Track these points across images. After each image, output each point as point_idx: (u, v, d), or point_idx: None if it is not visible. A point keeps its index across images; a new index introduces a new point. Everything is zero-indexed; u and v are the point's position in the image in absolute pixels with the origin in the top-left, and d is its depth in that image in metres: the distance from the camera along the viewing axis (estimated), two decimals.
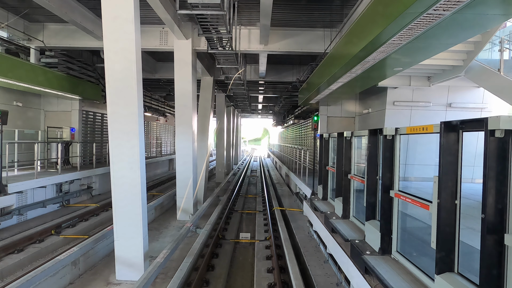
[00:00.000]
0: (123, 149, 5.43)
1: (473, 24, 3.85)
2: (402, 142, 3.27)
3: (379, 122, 9.93)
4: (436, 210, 2.26)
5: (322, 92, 9.33)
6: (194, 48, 9.51)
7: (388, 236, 3.24)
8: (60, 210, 9.72)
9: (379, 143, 3.62)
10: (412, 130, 2.86)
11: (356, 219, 4.46)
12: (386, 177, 3.26)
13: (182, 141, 9.59)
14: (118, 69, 5.36)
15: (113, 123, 5.42)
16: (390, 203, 3.22)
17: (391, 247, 3.23)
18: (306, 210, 7.00)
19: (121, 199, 5.51)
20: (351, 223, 4.54)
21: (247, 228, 9.26)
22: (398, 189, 3.16)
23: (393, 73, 6.35)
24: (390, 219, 3.22)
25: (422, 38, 4.15)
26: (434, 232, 2.28)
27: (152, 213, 9.88)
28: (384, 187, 3.26)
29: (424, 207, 2.51)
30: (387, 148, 3.25)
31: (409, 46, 4.49)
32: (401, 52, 4.84)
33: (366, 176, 3.74)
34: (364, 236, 3.75)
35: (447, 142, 2.20)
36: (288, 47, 9.62)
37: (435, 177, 2.31)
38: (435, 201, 2.29)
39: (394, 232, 3.19)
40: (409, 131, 2.91)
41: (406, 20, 3.70)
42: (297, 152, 11.88)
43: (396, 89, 9.38)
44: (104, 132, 14.40)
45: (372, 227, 3.52)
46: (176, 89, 9.48)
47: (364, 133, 4.04)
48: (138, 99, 5.43)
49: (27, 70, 8.71)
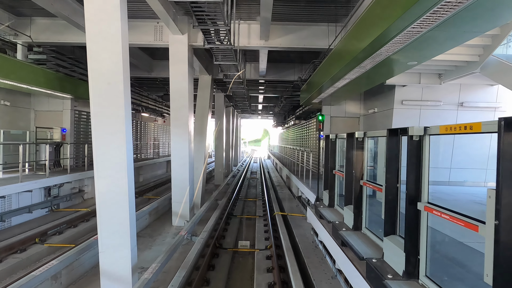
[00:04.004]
0: (109, 152, 4.89)
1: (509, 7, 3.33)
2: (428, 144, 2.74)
3: (385, 122, 9.40)
4: (493, 234, 1.72)
5: (325, 91, 8.81)
6: (191, 44, 8.98)
7: (415, 256, 2.70)
8: (48, 215, 9.17)
9: (401, 145, 3.08)
10: (448, 130, 2.32)
11: (370, 231, 3.92)
12: (411, 185, 2.72)
13: (177, 142, 9.05)
14: (102, 64, 4.83)
15: (97, 124, 4.89)
16: (416, 217, 2.68)
17: (418, 270, 2.69)
18: (310, 217, 6.46)
19: (106, 206, 4.97)
20: (364, 236, 3.99)
21: (246, 234, 8.71)
22: (427, 201, 2.62)
23: (406, 68, 5.82)
24: (417, 236, 2.68)
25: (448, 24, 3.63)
26: (489, 263, 1.74)
27: (146, 218, 9.34)
28: (409, 197, 2.72)
29: (471, 228, 1.97)
30: (412, 151, 2.72)
31: (430, 35, 3.97)
32: (419, 43, 4.32)
33: (384, 184, 3.20)
34: (382, 254, 3.21)
35: (509, 144, 1.66)
36: (290, 43, 9.09)
37: (490, 191, 1.77)
38: (491, 222, 1.75)
39: (422, 252, 2.65)
40: (444, 131, 2.37)
41: (431, 2, 3.19)
42: (298, 154, 11.34)
43: (405, 88, 8.86)
44: None
45: (393, 245, 2.98)
46: (171, 87, 8.95)
47: (380, 133, 3.50)
48: (125, 97, 4.90)
49: (13, 67, 8.17)
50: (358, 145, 4.18)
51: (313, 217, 6.09)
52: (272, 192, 14.68)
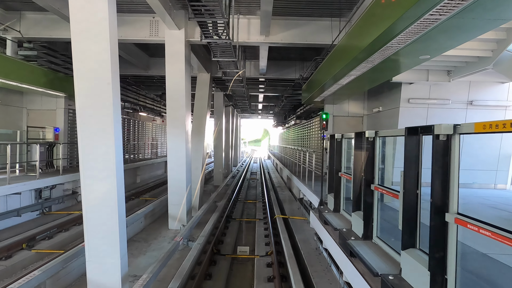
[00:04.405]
0: (96, 153, 4.52)
1: None
2: None
3: (391, 121, 9.02)
4: None
5: (328, 88, 8.43)
6: (188, 40, 8.59)
7: (441, 275, 2.32)
8: (39, 218, 8.78)
9: (421, 146, 2.71)
10: (485, 128, 1.93)
11: (383, 241, 3.53)
12: (437, 192, 2.33)
13: (174, 142, 8.67)
14: (88, 60, 4.43)
15: (83, 122, 4.50)
16: (444, 230, 2.29)
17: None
18: (314, 222, 6.07)
19: (93, 212, 4.59)
20: (375, 246, 3.61)
21: (245, 239, 8.32)
22: (457, 212, 2.23)
23: (417, 63, 5.42)
24: (444, 251, 2.29)
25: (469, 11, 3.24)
26: None
27: (141, 221, 8.95)
28: (435, 207, 2.33)
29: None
30: (439, 152, 2.33)
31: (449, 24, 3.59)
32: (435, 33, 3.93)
33: (402, 189, 2.82)
34: (399, 270, 2.82)
35: None
36: (291, 39, 8.70)
37: None
38: None
39: (451, 271, 2.26)
40: (480, 129, 1.99)
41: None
42: (300, 155, 10.95)
43: (411, 85, 8.47)
44: None
45: (413, 261, 2.59)
46: (167, 85, 8.56)
47: (396, 132, 3.12)
48: (114, 95, 4.51)
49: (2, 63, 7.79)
50: (368, 146, 3.79)
51: (317, 222, 5.70)
52: (273, 193, 14.30)
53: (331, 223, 4.74)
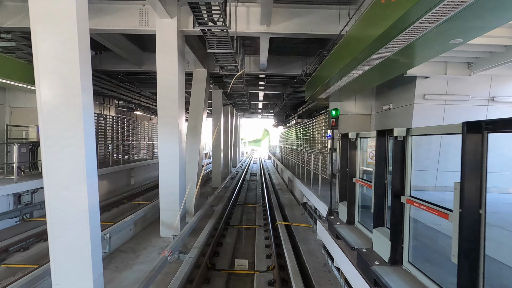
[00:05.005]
0: (62, 157, 3.75)
1: None
2: None
3: (403, 120, 8.24)
4: None
5: (335, 83, 7.65)
6: (181, 30, 7.82)
7: None
8: (17, 226, 8.01)
9: (484, 148, 1.94)
10: None
11: (419, 270, 2.76)
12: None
13: (165, 142, 7.90)
14: (51, 40, 3.67)
15: (47, 121, 3.74)
16: None
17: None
18: (322, 234, 5.30)
19: (60, 226, 3.82)
20: (408, 275, 2.83)
21: (244, 250, 7.54)
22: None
23: (444, 50, 4.64)
24: None
25: None
26: None
27: (130, 229, 8.18)
28: None
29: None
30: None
31: None
32: (476, 8, 3.18)
33: (457, 208, 2.04)
34: None
35: None
36: (295, 29, 7.92)
37: None
38: None
39: None
40: None
41: None
42: (304, 155, 10.18)
43: (427, 80, 7.70)
44: None
45: None
46: (158, 79, 7.79)
47: (446, 130, 2.35)
48: (83, 85, 3.75)
49: None
50: (396, 147, 3.02)
51: (326, 234, 4.93)
52: (273, 196, 13.52)
53: (345, 239, 3.96)
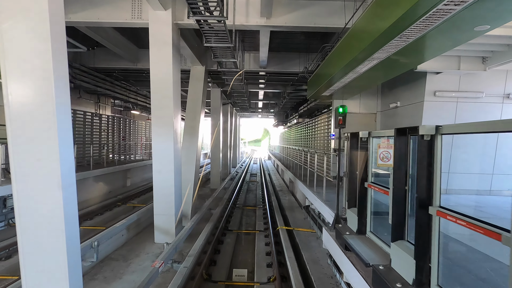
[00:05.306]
0: (32, 160, 3.26)
1: None
2: None
3: (412, 118, 7.77)
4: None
5: (340, 80, 7.19)
6: (176, 22, 7.35)
7: None
8: (2, 231, 7.54)
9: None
10: None
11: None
12: None
13: (159, 142, 7.44)
14: (11, 22, 3.19)
15: (15, 119, 3.25)
16: None
17: None
18: (328, 243, 4.82)
19: (31, 240, 3.34)
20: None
21: (243, 258, 7.06)
22: None
23: (467, 39, 4.17)
24: None
25: None
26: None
27: (122, 234, 7.70)
28: None
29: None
30: None
31: None
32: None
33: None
34: None
35: None
36: (297, 21, 7.44)
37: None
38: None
39: None
40: None
41: None
42: (307, 156, 9.71)
43: (438, 76, 7.23)
44: (77, 131, 12.24)
45: None
46: (152, 76, 7.33)
47: (489, 127, 1.87)
48: (58, 81, 3.27)
49: None
50: (422, 149, 2.54)
51: (333, 244, 4.46)
52: (274, 198, 13.04)
53: (357, 253, 3.49)
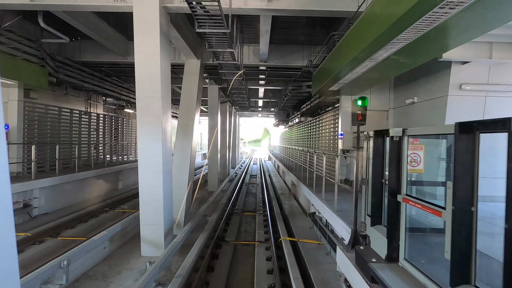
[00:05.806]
0: None
1: None
2: None
3: (433, 116, 6.85)
4: None
5: (352, 70, 6.28)
6: (164, 6, 6.45)
7: None
8: None
9: None
10: None
11: None
12: None
13: (145, 142, 6.53)
14: None
15: None
16: None
17: None
18: (345, 266, 3.90)
19: None
20: None
21: (241, 277, 6.13)
22: None
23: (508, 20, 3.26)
24: None
25: None
26: None
27: (104, 247, 6.80)
28: None
29: None
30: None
31: None
32: None
33: None
34: None
35: None
36: (303, 5, 6.55)
37: None
38: None
39: None
40: None
41: None
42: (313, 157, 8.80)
43: (464, 66, 6.30)
44: (62, 131, 11.35)
45: None
46: (136, 67, 6.43)
47: None
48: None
49: None
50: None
51: (352, 270, 3.54)
52: (275, 202, 12.14)
53: (387, 285, 2.57)
